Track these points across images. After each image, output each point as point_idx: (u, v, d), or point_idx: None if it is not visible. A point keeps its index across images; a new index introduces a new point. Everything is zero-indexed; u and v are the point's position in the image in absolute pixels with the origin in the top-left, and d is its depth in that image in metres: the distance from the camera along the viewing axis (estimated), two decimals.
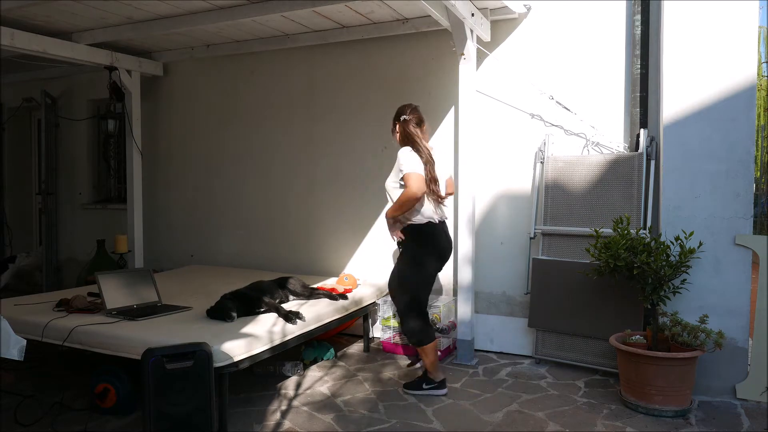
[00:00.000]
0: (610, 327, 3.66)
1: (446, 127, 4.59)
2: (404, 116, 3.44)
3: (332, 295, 4.02)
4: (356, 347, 4.51)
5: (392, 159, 3.48)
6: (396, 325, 4.38)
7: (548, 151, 4.20)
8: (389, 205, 3.44)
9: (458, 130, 4.28)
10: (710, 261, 3.47)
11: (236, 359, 2.93)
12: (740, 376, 3.44)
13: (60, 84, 6.41)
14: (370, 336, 4.53)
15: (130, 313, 3.45)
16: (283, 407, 3.34)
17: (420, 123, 3.45)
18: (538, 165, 4.25)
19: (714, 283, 3.48)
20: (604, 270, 3.44)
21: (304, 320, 3.52)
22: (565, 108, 4.18)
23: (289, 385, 3.69)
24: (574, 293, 3.94)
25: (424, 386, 3.50)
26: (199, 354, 2.68)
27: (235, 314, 3.36)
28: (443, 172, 3.54)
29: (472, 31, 3.98)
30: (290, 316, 3.44)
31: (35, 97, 6.48)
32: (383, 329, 4.48)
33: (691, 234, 3.35)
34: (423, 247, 3.43)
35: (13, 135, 7.02)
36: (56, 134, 6.47)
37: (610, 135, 4.08)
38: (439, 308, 4.27)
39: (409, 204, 3.27)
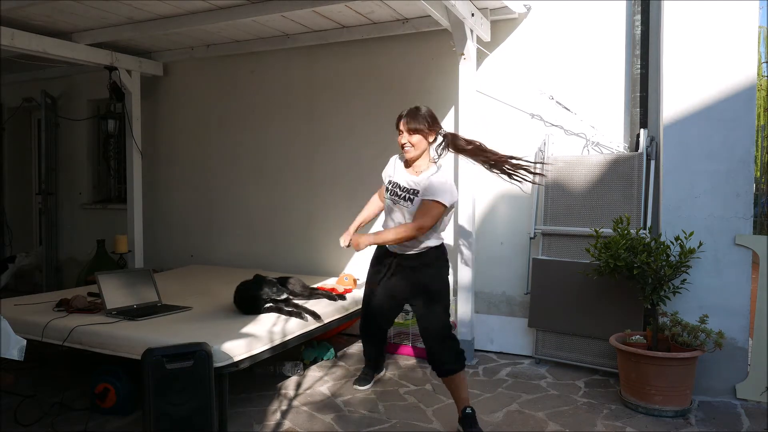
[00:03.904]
0: (610, 327, 3.66)
1: (446, 127, 4.55)
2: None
3: (332, 295, 4.02)
4: (356, 347, 4.51)
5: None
6: (403, 323, 4.38)
7: (548, 151, 4.20)
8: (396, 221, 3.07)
9: (458, 130, 4.28)
10: (710, 261, 3.47)
11: (236, 359, 2.93)
12: (740, 376, 3.44)
13: (60, 84, 6.41)
14: None
15: (130, 313, 3.45)
16: (283, 407, 3.34)
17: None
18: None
19: (714, 283, 3.48)
20: (604, 270, 3.44)
21: (322, 321, 3.65)
22: (565, 108, 4.18)
23: (289, 385, 3.69)
24: (574, 293, 3.94)
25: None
26: (199, 354, 2.68)
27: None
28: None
29: (472, 31, 3.98)
30: (302, 314, 3.56)
31: (35, 97, 6.47)
32: None
33: (691, 234, 3.35)
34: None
35: (13, 135, 7.01)
36: (56, 134, 6.46)
37: (610, 135, 4.08)
38: None
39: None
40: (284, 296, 3.69)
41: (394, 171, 3.15)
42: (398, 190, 3.05)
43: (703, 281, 3.49)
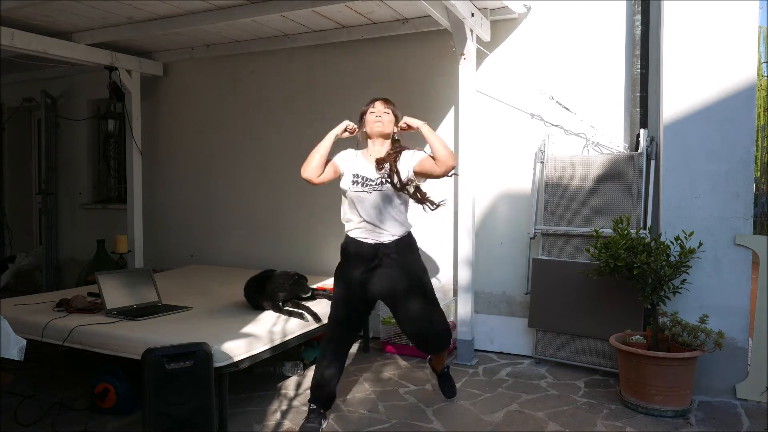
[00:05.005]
0: (610, 327, 3.66)
1: (446, 127, 4.59)
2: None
3: (332, 295, 4.01)
4: (356, 347, 4.51)
5: None
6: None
7: (548, 151, 4.20)
8: None
9: (458, 130, 4.28)
10: (710, 261, 3.47)
11: (236, 359, 2.94)
12: (740, 376, 3.44)
13: (60, 84, 6.41)
14: (370, 336, 4.53)
15: (130, 313, 3.45)
16: (283, 407, 3.34)
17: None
18: (538, 165, 4.25)
19: (714, 283, 3.48)
20: (604, 270, 3.44)
21: (321, 321, 3.63)
22: (565, 108, 4.18)
23: (289, 385, 3.69)
24: (574, 293, 3.94)
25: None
26: (199, 354, 2.68)
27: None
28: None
29: (472, 31, 3.98)
30: (303, 313, 3.58)
31: (35, 97, 6.48)
32: (383, 329, 4.48)
33: (691, 234, 3.35)
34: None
35: (13, 135, 7.01)
36: (56, 134, 6.46)
37: (610, 135, 4.08)
38: None
39: None
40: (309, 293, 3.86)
41: (354, 164, 3.00)
42: (370, 182, 2.93)
43: (703, 281, 3.49)
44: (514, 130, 4.37)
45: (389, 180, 2.92)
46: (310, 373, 3.90)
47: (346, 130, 3.03)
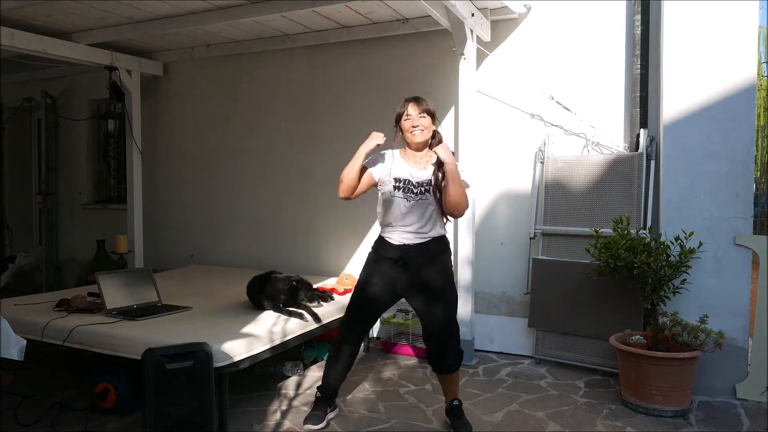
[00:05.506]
0: (610, 327, 3.66)
1: (446, 127, 4.58)
2: None
3: (332, 295, 4.02)
4: None
5: None
6: (403, 323, 4.39)
7: (548, 151, 4.20)
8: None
9: (458, 130, 4.28)
10: (710, 261, 3.47)
11: (236, 359, 2.93)
12: (740, 376, 3.44)
13: (60, 84, 6.41)
14: (370, 336, 4.53)
15: (130, 313, 3.45)
16: (283, 407, 3.34)
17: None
18: (538, 165, 4.25)
19: (714, 283, 3.48)
20: (604, 270, 3.44)
21: (321, 321, 3.62)
22: (565, 108, 4.18)
23: (289, 385, 3.69)
24: (574, 293, 3.94)
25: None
26: (199, 354, 2.68)
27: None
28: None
29: (472, 31, 3.98)
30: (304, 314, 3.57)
31: (35, 97, 6.48)
32: (383, 329, 4.48)
33: (691, 234, 3.35)
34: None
35: (13, 135, 7.01)
36: (56, 134, 6.46)
37: (610, 135, 4.08)
38: None
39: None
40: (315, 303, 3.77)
41: (392, 167, 2.96)
42: (412, 187, 2.89)
43: (703, 281, 3.49)
44: (514, 130, 4.37)
45: (431, 188, 2.89)
46: (311, 373, 3.90)
47: (377, 144, 2.90)
